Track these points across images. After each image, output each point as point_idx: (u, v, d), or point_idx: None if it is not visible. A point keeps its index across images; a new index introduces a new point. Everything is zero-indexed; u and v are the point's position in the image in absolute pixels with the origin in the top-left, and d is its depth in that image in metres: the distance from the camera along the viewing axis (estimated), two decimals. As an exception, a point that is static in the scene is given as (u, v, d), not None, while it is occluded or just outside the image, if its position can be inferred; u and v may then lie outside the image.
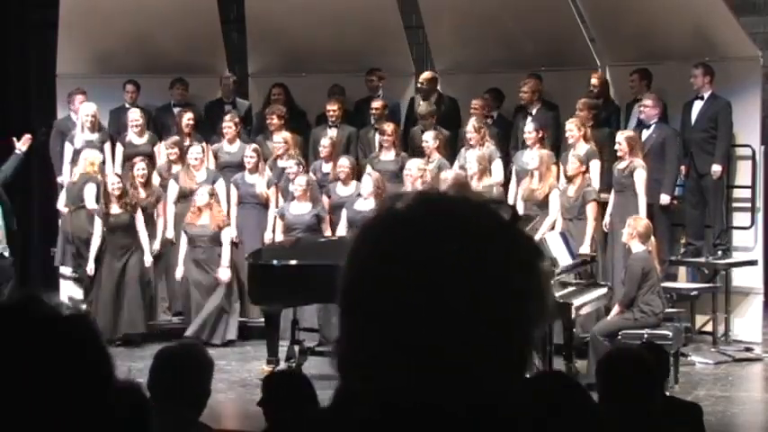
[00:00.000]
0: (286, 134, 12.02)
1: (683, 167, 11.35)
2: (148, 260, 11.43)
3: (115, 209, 11.29)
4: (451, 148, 11.91)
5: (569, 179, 10.88)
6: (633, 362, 4.23)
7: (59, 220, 12.29)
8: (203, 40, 13.15)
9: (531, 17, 12.18)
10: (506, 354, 1.45)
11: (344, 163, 11.47)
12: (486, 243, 1.45)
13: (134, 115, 12.34)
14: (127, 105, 12.71)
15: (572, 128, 11.09)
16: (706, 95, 11.14)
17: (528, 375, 1.60)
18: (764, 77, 11.69)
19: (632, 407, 4.10)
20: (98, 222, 11.37)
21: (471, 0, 12.44)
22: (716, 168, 11.06)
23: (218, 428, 5.68)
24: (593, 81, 11.80)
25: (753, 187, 11.28)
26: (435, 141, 11.52)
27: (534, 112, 11.94)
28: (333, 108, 12.40)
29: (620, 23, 11.95)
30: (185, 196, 11.68)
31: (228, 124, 12.16)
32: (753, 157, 11.24)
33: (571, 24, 12.25)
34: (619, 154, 10.81)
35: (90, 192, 11.56)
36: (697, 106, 11.20)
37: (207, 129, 12.67)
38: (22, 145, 12.00)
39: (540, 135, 11.26)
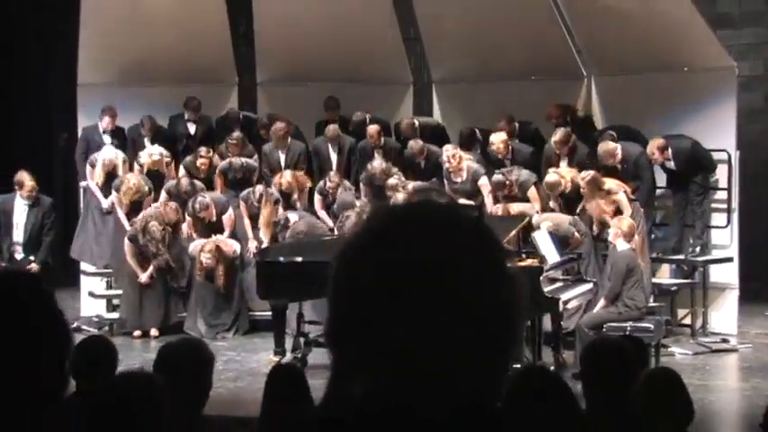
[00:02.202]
0: (291, 175, 11.74)
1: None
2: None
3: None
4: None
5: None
6: (614, 352, 4.24)
7: (79, 219, 12.33)
8: (215, 51, 13.15)
9: (521, 29, 12.20)
10: (486, 352, 1.42)
11: (345, 200, 11.28)
12: (453, 244, 1.43)
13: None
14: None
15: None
16: (669, 158, 11.10)
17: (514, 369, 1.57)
18: (739, 86, 11.70)
19: (614, 395, 4.12)
20: (128, 244, 11.40)
21: (466, 13, 12.45)
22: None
23: (226, 415, 5.71)
24: (550, 111, 11.79)
25: (729, 189, 11.31)
26: (401, 186, 11.17)
27: (510, 158, 11.63)
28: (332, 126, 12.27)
29: (604, 36, 11.96)
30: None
31: (233, 142, 12.08)
32: (729, 161, 11.26)
33: (558, 36, 12.27)
34: (584, 192, 10.71)
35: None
36: (671, 166, 11.20)
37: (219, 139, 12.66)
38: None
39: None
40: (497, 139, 11.56)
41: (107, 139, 12.35)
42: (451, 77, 13.16)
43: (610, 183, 10.63)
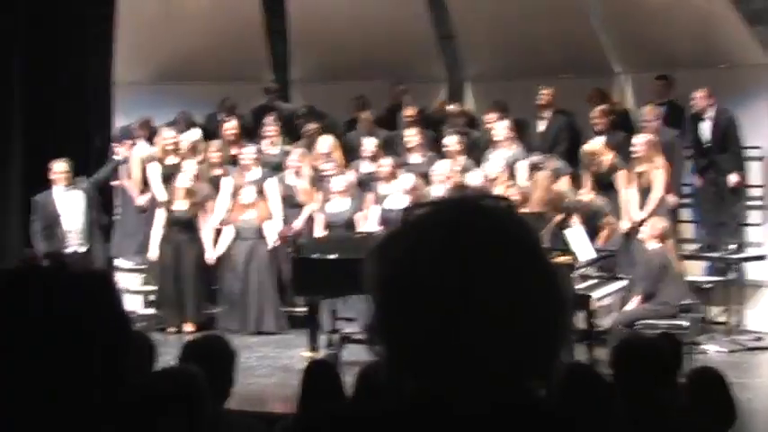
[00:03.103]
0: (330, 139, 11.89)
1: (696, 179, 11.28)
2: (210, 258, 11.44)
3: (180, 204, 11.32)
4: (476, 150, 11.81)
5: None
6: (648, 349, 4.19)
7: (117, 217, 12.37)
8: (249, 49, 13.19)
9: (556, 26, 12.15)
10: (531, 348, 1.40)
11: (386, 162, 11.37)
12: (489, 240, 1.41)
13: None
14: None
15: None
16: (711, 114, 11.01)
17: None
18: (775, 83, 11.58)
19: (648, 392, 4.06)
20: (160, 214, 11.41)
21: (500, 11, 12.41)
22: (733, 179, 10.98)
23: (260, 411, 5.71)
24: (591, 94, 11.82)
25: (764, 186, 11.20)
26: (458, 146, 11.39)
27: (548, 116, 11.85)
28: (366, 118, 12.35)
29: (637, 32, 11.88)
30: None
31: (270, 127, 12.15)
32: (764, 158, 11.16)
33: (593, 33, 12.21)
34: (636, 155, 10.67)
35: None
36: (705, 127, 11.07)
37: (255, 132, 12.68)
38: (126, 150, 12.12)
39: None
40: (546, 90, 11.80)
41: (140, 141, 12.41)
42: (485, 75, 13.12)
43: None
